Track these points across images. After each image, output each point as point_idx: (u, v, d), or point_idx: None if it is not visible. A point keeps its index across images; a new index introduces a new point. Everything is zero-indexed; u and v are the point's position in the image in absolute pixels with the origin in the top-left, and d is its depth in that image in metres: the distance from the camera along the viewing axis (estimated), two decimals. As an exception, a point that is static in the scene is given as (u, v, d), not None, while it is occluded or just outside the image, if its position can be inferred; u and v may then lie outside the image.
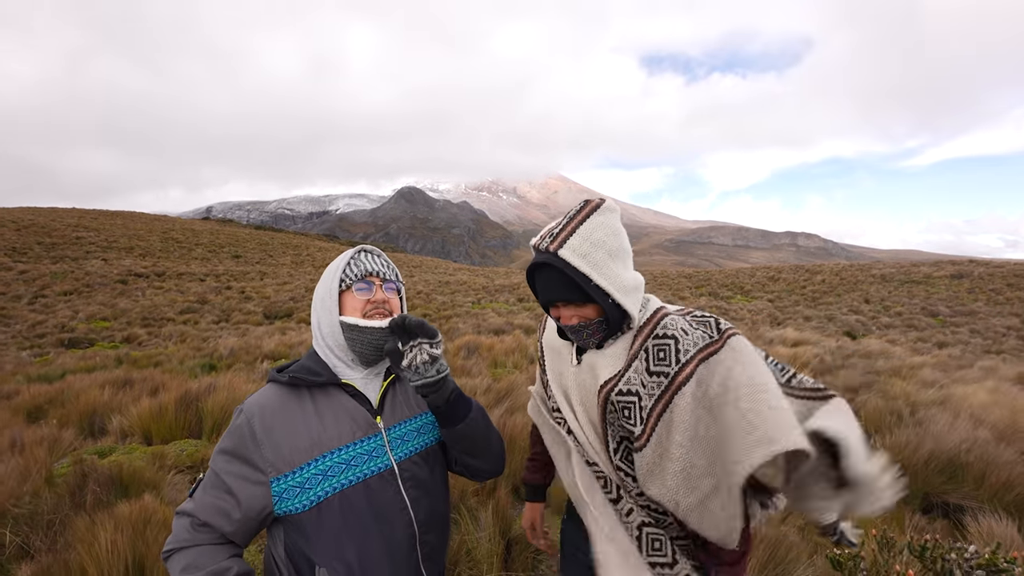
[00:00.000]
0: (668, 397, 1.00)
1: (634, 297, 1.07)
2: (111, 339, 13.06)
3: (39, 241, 33.63)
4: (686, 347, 1.00)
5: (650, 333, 1.06)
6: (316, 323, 1.12)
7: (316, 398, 1.07)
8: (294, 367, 1.10)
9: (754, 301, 22.75)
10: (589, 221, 1.06)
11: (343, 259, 1.13)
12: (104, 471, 2.78)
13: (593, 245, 1.03)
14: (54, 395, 5.10)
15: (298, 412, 1.04)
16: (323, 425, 1.04)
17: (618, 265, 1.06)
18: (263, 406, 1.03)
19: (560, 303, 1.10)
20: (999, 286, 23.22)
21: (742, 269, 36.61)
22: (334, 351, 1.11)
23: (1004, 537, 2.12)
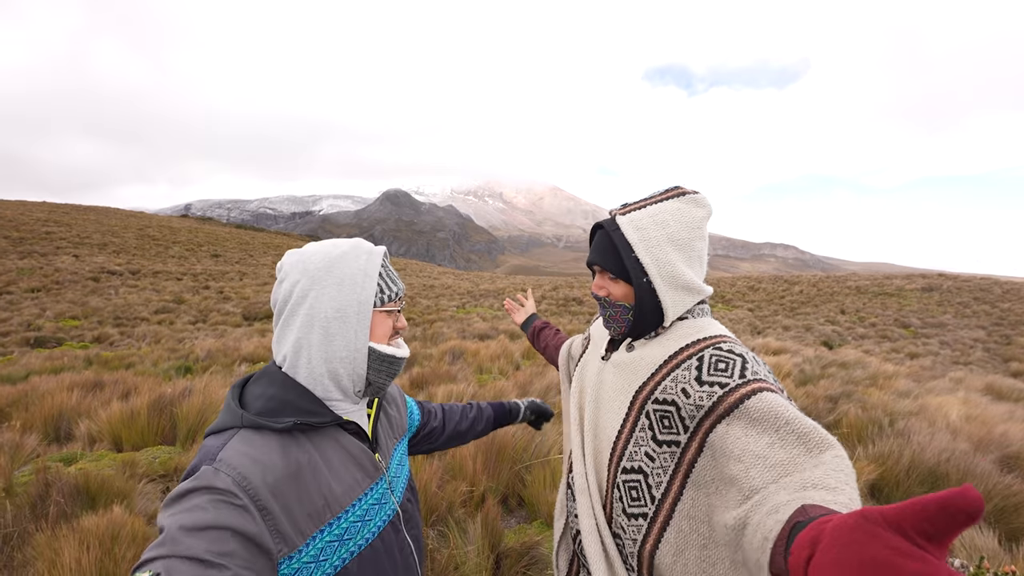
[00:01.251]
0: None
1: (679, 296, 0.95)
2: (81, 339, 12.56)
3: (6, 235, 32.27)
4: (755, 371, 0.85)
5: (706, 345, 0.92)
6: (317, 343, 0.82)
7: (316, 443, 0.82)
8: (281, 408, 0.79)
9: (735, 310, 23.17)
10: (666, 203, 0.97)
11: (371, 262, 0.88)
12: (69, 480, 2.63)
13: (656, 223, 0.95)
14: (17, 397, 4.84)
15: (304, 466, 0.78)
16: (332, 478, 0.81)
17: (676, 254, 0.95)
18: (263, 463, 0.73)
19: (597, 267, 1.03)
20: (966, 299, 24.15)
21: (723, 278, 37.30)
22: (339, 381, 0.85)
23: (986, 549, 2.16)
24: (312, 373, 0.83)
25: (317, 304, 0.82)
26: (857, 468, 3.09)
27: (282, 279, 0.85)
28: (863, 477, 3.00)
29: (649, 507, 0.91)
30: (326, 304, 0.83)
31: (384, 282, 0.89)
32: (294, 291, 0.83)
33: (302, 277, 0.83)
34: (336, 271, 0.84)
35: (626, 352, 1.03)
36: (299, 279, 0.84)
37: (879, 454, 3.25)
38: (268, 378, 0.84)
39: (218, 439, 0.75)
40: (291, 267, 0.85)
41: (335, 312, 0.83)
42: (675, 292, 0.95)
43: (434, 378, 6.01)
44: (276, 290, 0.86)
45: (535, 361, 7.94)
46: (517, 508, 2.94)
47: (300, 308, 0.83)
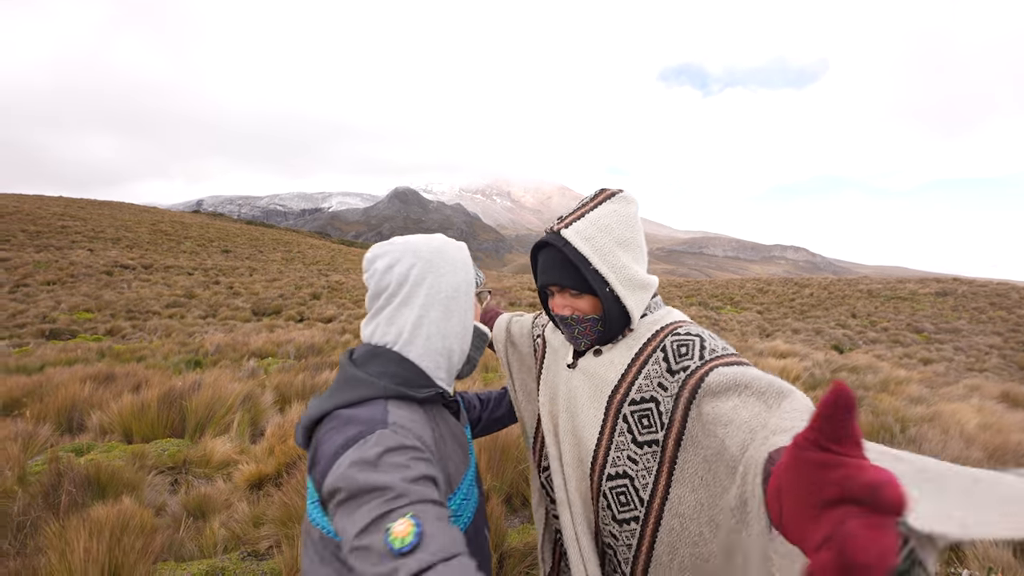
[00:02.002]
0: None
1: (639, 296, 0.97)
2: (94, 331, 12.77)
3: (23, 229, 32.90)
4: (712, 348, 0.89)
5: (666, 335, 0.95)
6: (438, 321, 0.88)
7: (438, 417, 0.87)
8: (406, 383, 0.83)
9: (744, 312, 22.97)
10: (602, 207, 0.99)
11: (466, 251, 0.98)
12: (81, 470, 2.67)
13: (600, 230, 0.96)
14: (32, 388, 4.94)
15: (439, 435, 0.84)
16: (451, 456, 0.86)
17: (626, 256, 0.97)
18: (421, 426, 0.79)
19: (555, 287, 1.01)
20: (982, 304, 23.70)
21: (732, 280, 36.99)
22: (451, 357, 0.90)
23: (1001, 561, 2.11)
24: (429, 349, 0.88)
25: (437, 284, 0.90)
26: (867, 475, 3.04)
27: (392, 264, 0.90)
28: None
29: (639, 510, 0.92)
30: (445, 284, 0.90)
31: (476, 270, 1.02)
32: (411, 273, 0.89)
33: (417, 260, 0.90)
34: (448, 255, 0.93)
35: (594, 357, 1.02)
36: (414, 262, 0.90)
37: (890, 461, 3.20)
38: (383, 357, 0.86)
39: (371, 409, 0.78)
40: (401, 253, 0.91)
41: (452, 291, 0.91)
42: (635, 293, 0.97)
43: (440, 376, 6.03)
44: (385, 275, 0.89)
45: (541, 361, 7.93)
46: (521, 508, 2.93)
47: (420, 288, 0.89)
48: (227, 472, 3.31)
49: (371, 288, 0.91)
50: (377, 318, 0.90)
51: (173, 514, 2.70)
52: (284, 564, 2.11)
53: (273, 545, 2.35)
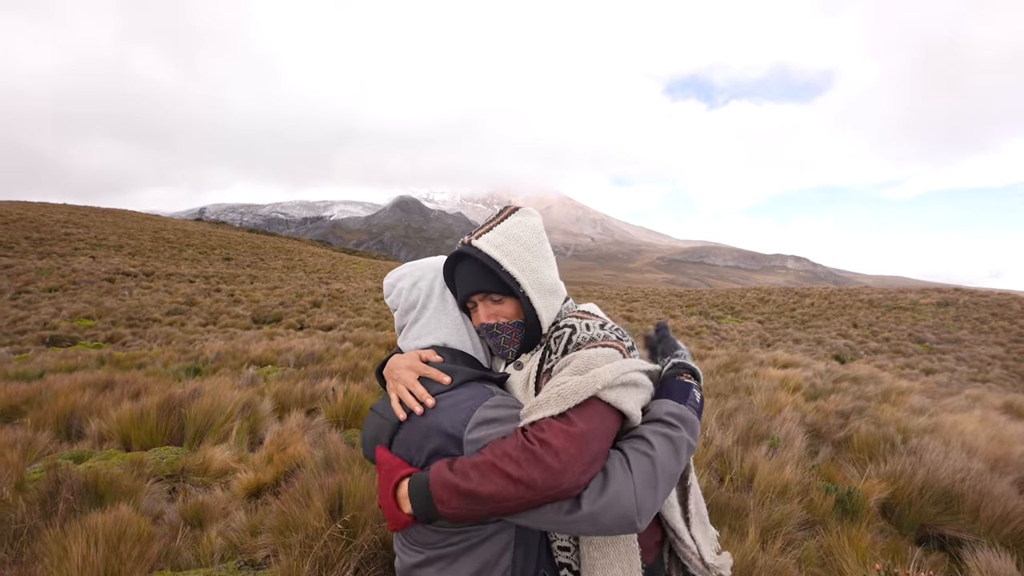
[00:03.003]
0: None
1: (550, 301, 1.06)
2: (94, 338, 12.77)
3: (27, 236, 33.06)
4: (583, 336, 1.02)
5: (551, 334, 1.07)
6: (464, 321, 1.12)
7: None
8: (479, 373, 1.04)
9: (744, 322, 22.92)
10: (508, 220, 1.08)
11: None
12: (79, 478, 2.67)
13: (509, 238, 1.04)
14: (31, 395, 4.93)
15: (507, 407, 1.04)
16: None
17: (537, 260, 1.05)
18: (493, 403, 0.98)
19: (477, 296, 1.06)
20: (984, 315, 23.64)
21: (732, 290, 36.97)
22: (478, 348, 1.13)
23: (1004, 574, 2.09)
24: (474, 344, 1.10)
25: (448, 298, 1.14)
26: (868, 486, 3.02)
27: (416, 281, 1.10)
28: (874, 495, 2.93)
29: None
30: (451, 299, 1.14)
31: None
32: (435, 285, 1.10)
33: (438, 274, 1.11)
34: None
35: (515, 370, 1.09)
36: (437, 275, 1.11)
37: (891, 472, 3.17)
38: (450, 355, 1.06)
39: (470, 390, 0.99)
40: (421, 271, 1.12)
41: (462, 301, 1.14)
42: (545, 297, 1.05)
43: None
44: (412, 291, 1.10)
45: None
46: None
47: (448, 294, 1.10)
48: (225, 480, 3.29)
49: (401, 305, 1.10)
50: (414, 328, 1.07)
51: (170, 522, 2.68)
52: (281, 573, 2.09)
53: (270, 554, 2.34)
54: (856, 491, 2.93)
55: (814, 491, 2.97)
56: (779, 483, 2.95)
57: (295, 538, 2.28)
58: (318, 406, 5.15)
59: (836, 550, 2.40)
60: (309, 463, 3.09)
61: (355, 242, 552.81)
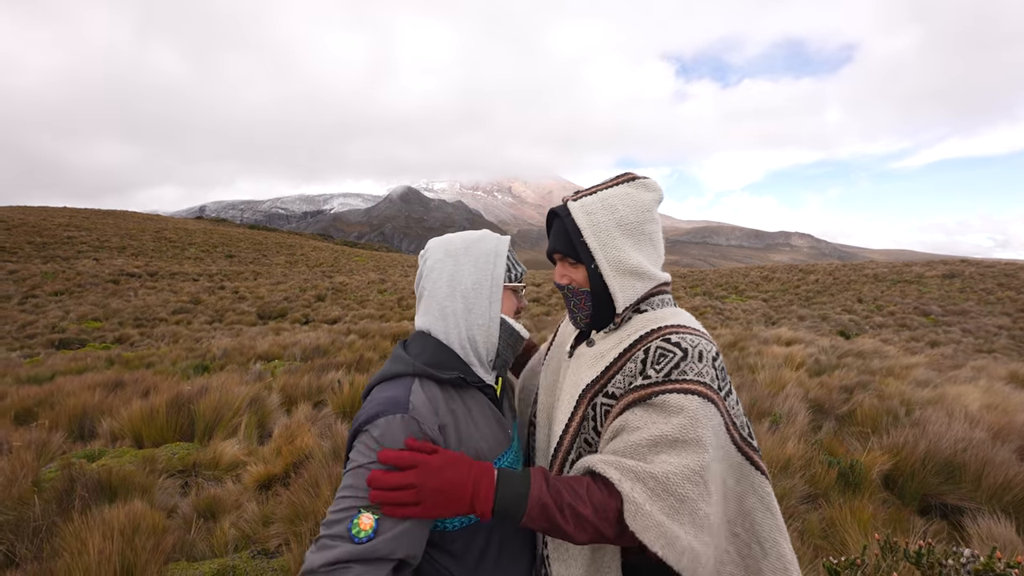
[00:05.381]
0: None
1: (628, 282, 0.96)
2: (102, 340, 12.91)
3: (29, 240, 33.23)
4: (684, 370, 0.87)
5: (656, 337, 0.93)
6: (460, 311, 0.95)
7: (465, 399, 0.94)
8: (437, 364, 0.92)
9: (748, 301, 22.86)
10: (616, 188, 0.99)
11: (501, 245, 1.01)
12: (93, 475, 2.73)
13: (606, 209, 0.96)
14: (44, 397, 5.01)
15: (460, 417, 0.91)
16: (479, 434, 0.92)
17: (624, 240, 0.95)
18: (433, 412, 0.87)
19: (557, 255, 1.04)
20: (990, 286, 23.46)
21: (736, 269, 36.80)
22: (477, 349, 0.96)
23: (1003, 539, 2.12)
24: (458, 338, 0.96)
25: (458, 279, 0.96)
26: (870, 458, 3.04)
27: (426, 258, 1.00)
28: (876, 467, 2.96)
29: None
30: (466, 278, 0.96)
31: (511, 263, 1.02)
32: (435, 267, 0.98)
33: (445, 256, 0.98)
34: (473, 251, 0.98)
35: (587, 347, 1.03)
36: (441, 257, 0.98)
37: (893, 444, 3.19)
38: (423, 340, 0.97)
39: (398, 386, 0.88)
40: (434, 249, 1.01)
41: (473, 285, 0.96)
42: (622, 277, 0.96)
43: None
44: (422, 267, 1.01)
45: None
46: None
47: (441, 281, 0.97)
48: (236, 473, 3.36)
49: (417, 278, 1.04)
50: (419, 306, 1.01)
51: (184, 515, 2.75)
52: (293, 561, 2.15)
53: (282, 543, 2.39)
54: (859, 464, 2.95)
55: (817, 465, 2.99)
56: (781, 458, 2.98)
57: (306, 527, 2.33)
58: (325, 398, 5.22)
59: (839, 522, 2.43)
60: (317, 454, 3.14)
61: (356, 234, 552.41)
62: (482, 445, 0.91)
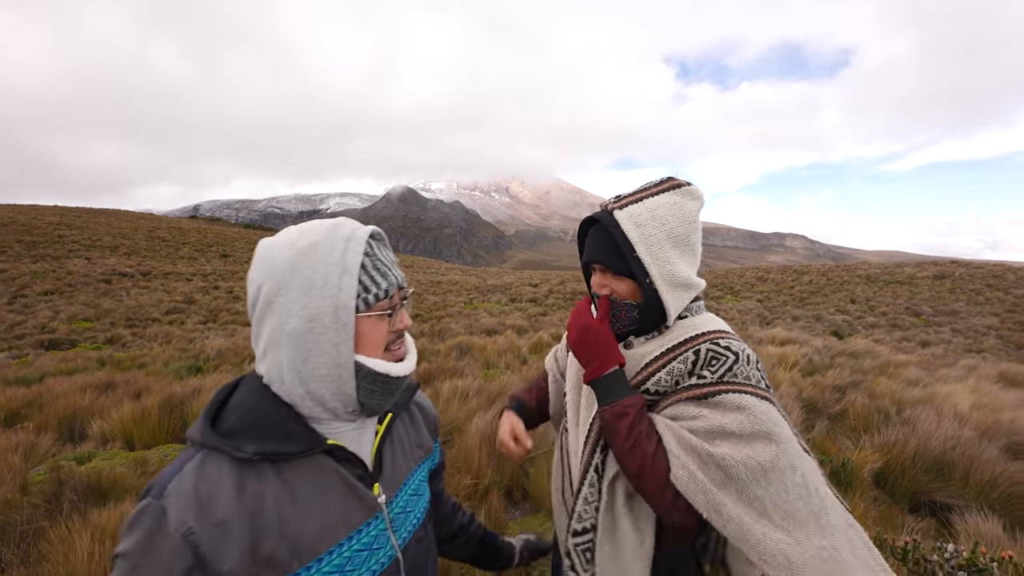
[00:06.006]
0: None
1: (679, 294, 0.95)
2: (94, 340, 12.78)
3: (19, 239, 32.84)
4: (735, 373, 0.89)
5: (704, 340, 0.94)
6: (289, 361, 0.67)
7: (288, 473, 0.67)
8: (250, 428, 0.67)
9: (743, 301, 23.00)
10: (661, 196, 0.95)
11: (350, 253, 0.69)
12: (82, 478, 2.70)
13: (654, 219, 0.93)
14: (32, 398, 4.96)
15: (267, 503, 0.65)
16: (304, 517, 0.66)
17: (674, 252, 0.93)
18: (207, 504, 0.61)
19: (597, 266, 0.99)
20: (979, 286, 23.74)
21: (732, 269, 37.02)
22: (322, 399, 0.69)
23: (990, 535, 2.14)
24: (290, 395, 0.69)
25: (285, 315, 0.66)
26: (862, 457, 3.07)
27: (251, 278, 0.70)
28: (868, 466, 2.99)
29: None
30: (293, 315, 0.66)
31: (370, 277, 0.70)
32: (260, 296, 0.68)
33: (267, 279, 0.67)
34: (303, 270, 0.66)
35: (624, 350, 1.02)
36: (263, 281, 0.67)
37: (884, 443, 3.23)
38: (247, 387, 0.71)
39: (179, 460, 0.66)
40: (257, 264, 0.69)
41: (306, 323, 0.66)
42: (675, 291, 0.94)
43: (440, 373, 6.05)
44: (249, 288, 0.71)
45: (542, 355, 7.96)
46: (521, 500, 2.97)
47: (267, 317, 0.68)
48: (228, 475, 3.33)
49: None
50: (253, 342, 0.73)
51: (176, 518, 2.72)
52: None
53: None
54: (850, 462, 2.98)
55: (808, 464, 3.01)
56: (774, 458, 3.00)
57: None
58: (319, 399, 5.19)
59: (829, 520, 2.45)
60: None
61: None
62: (306, 534, 0.66)
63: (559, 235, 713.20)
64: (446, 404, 4.26)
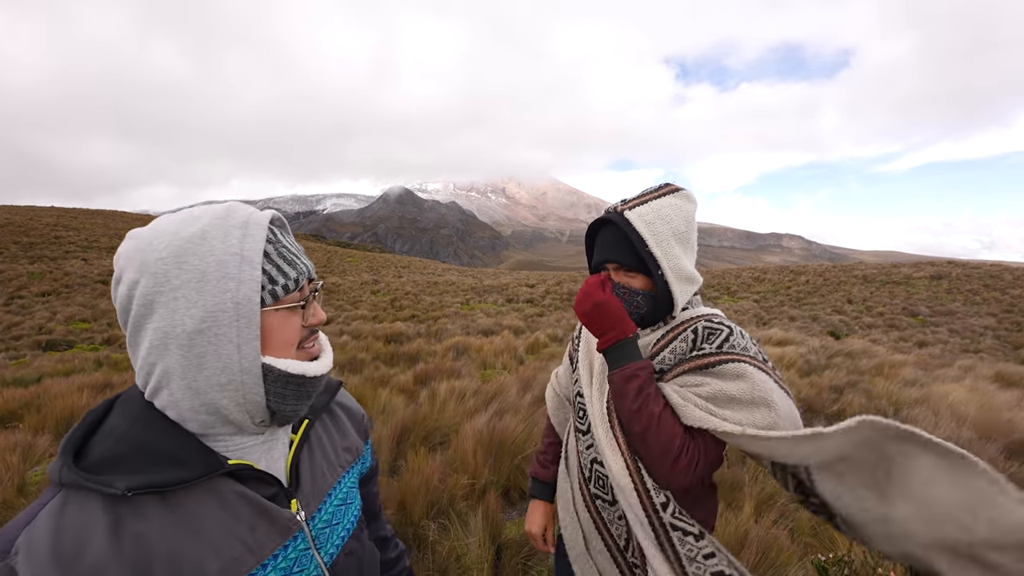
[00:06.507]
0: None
1: (685, 287, 1.04)
2: (91, 341, 12.73)
3: (15, 240, 32.70)
4: (733, 344, 0.97)
5: (700, 320, 1.04)
6: (180, 371, 0.56)
7: (179, 503, 0.57)
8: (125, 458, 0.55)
9: (740, 301, 23.05)
10: (665, 199, 1.05)
11: (248, 240, 0.59)
12: (80, 479, 2.69)
13: (661, 219, 1.02)
14: (29, 399, 4.94)
15: (154, 545, 0.54)
16: (202, 555, 0.56)
17: (679, 248, 1.03)
18: (72, 556, 0.50)
19: (611, 264, 1.07)
20: (976, 286, 23.85)
21: (728, 270, 37.10)
22: (226, 415, 0.60)
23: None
24: (179, 410, 0.58)
25: (171, 315, 0.55)
26: (859, 457, 3.08)
27: (118, 277, 0.58)
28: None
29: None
30: (183, 313, 0.55)
31: (275, 266, 0.61)
32: (134, 297, 0.56)
33: (142, 275, 0.56)
34: (192, 261, 0.56)
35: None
36: (137, 278, 0.56)
37: (882, 443, 3.24)
38: (124, 407, 0.60)
39: (30, 508, 0.54)
40: (127, 259, 0.57)
41: (200, 323, 0.56)
42: (682, 284, 1.03)
43: (438, 374, 6.05)
44: (115, 291, 0.58)
45: (539, 356, 7.96)
46: (519, 500, 2.97)
47: (146, 322, 0.57)
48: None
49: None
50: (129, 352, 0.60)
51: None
52: (284, 563, 2.13)
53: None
54: (847, 462, 2.98)
55: (806, 464, 3.02)
56: (772, 458, 3.01)
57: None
58: (317, 400, 5.18)
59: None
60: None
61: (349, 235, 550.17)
62: (208, 567, 0.56)
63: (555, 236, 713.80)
64: (443, 405, 4.26)
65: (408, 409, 4.07)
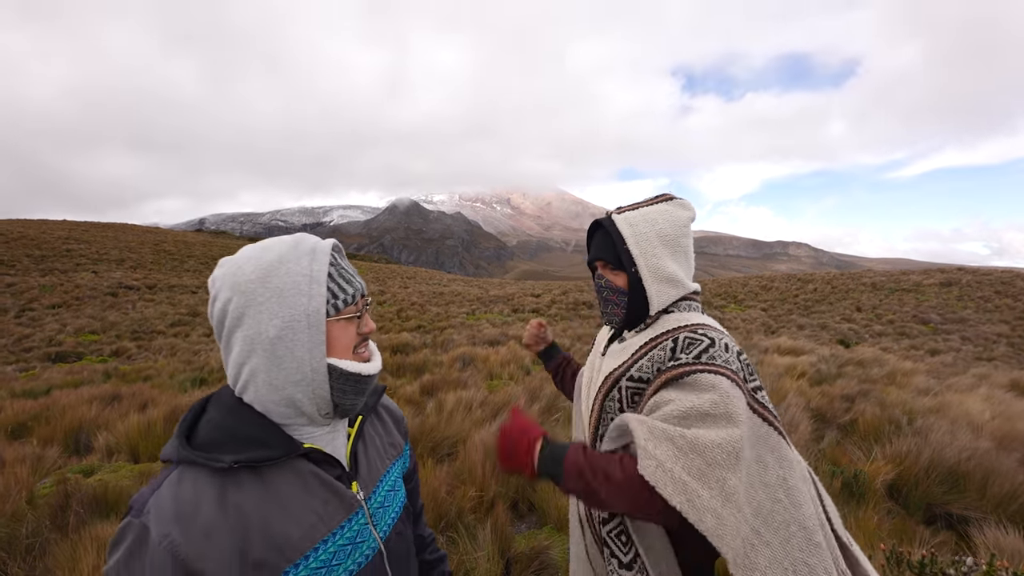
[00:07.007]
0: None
1: (663, 288, 1.05)
2: (100, 353, 12.83)
3: (28, 253, 33.21)
4: (712, 356, 0.94)
5: (684, 330, 1.02)
6: (264, 369, 0.70)
7: (268, 478, 0.71)
8: (226, 440, 0.69)
9: (747, 310, 22.87)
10: (657, 206, 1.09)
11: (316, 263, 0.74)
12: (88, 491, 2.69)
13: (645, 220, 1.06)
14: (39, 411, 4.97)
15: (250, 512, 0.68)
16: (288, 520, 0.70)
17: (663, 249, 1.05)
18: (189, 516, 0.64)
19: (599, 262, 1.13)
20: (987, 293, 23.52)
21: (735, 278, 36.88)
22: (300, 407, 0.73)
23: (1011, 549, 2.09)
24: (264, 400, 0.72)
25: (257, 325, 0.69)
26: (874, 468, 3.02)
27: (215, 296, 0.72)
28: (880, 477, 2.93)
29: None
30: (266, 323, 0.69)
31: (337, 284, 0.75)
32: (228, 311, 0.70)
33: (234, 294, 0.70)
34: (274, 281, 0.70)
35: (618, 344, 1.14)
36: (231, 296, 0.70)
37: (896, 453, 3.17)
38: (217, 403, 0.74)
39: (159, 478, 0.69)
40: (222, 282, 0.71)
41: (279, 331, 0.69)
42: (659, 283, 1.05)
43: (444, 385, 6.03)
44: (211, 308, 0.73)
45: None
46: (527, 513, 2.93)
47: (237, 331, 0.70)
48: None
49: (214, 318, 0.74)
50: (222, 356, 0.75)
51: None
52: None
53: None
54: (862, 473, 2.93)
55: (820, 475, 2.97)
56: (785, 469, 2.95)
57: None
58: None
59: (843, 533, 2.40)
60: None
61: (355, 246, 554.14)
62: (291, 535, 0.69)
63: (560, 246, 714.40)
64: (450, 416, 4.24)
65: (415, 420, 4.05)
